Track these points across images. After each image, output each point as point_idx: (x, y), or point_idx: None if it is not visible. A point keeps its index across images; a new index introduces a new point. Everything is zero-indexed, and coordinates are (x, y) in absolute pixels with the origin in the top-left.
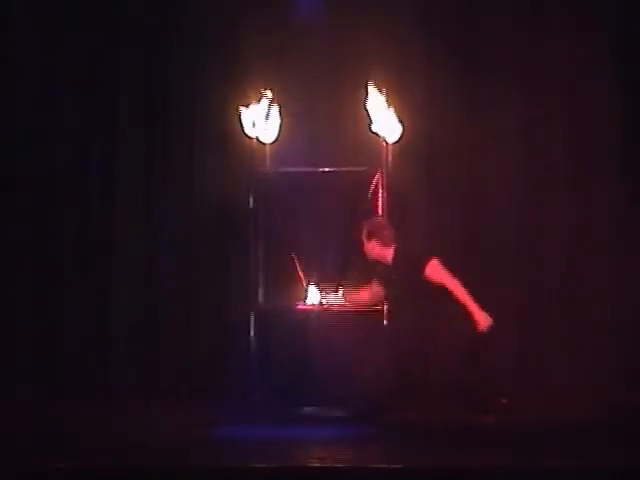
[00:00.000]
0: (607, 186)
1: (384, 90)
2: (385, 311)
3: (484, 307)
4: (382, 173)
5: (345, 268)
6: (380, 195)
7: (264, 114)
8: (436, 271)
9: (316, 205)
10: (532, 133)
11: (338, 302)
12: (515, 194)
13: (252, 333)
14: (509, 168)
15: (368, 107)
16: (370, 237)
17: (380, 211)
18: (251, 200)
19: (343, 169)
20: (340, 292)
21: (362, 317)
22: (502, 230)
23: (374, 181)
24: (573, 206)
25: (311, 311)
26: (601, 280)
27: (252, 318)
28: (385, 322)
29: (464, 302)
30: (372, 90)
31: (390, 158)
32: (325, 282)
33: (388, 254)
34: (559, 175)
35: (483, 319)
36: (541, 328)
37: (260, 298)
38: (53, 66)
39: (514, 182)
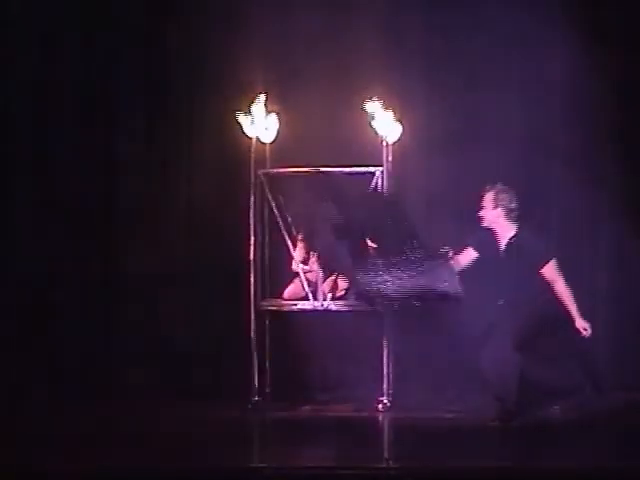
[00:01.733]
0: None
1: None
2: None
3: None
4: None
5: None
6: None
7: (263, 114)
8: (553, 271)
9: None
10: (533, 134)
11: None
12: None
13: (252, 333)
14: (509, 167)
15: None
16: (497, 204)
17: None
18: (252, 200)
19: (344, 169)
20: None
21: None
22: None
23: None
24: (574, 206)
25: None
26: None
27: (252, 318)
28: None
29: (569, 305)
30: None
31: (390, 157)
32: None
33: (509, 230)
34: (559, 173)
35: (583, 325)
36: None
37: (260, 298)
38: (53, 67)
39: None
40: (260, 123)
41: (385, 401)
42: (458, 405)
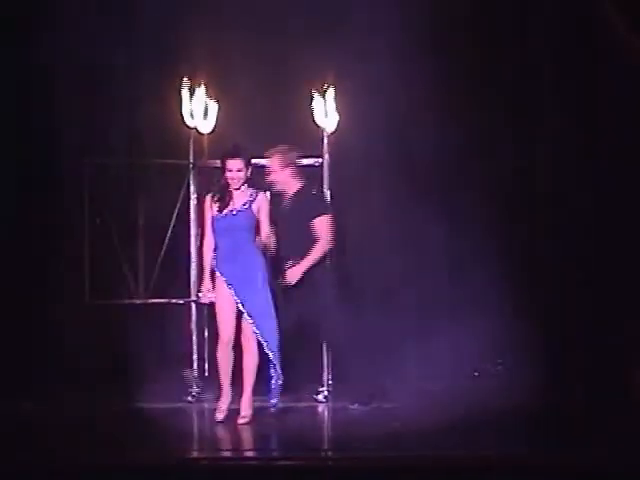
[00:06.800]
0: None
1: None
2: None
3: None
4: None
5: None
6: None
7: (202, 104)
8: (322, 226)
9: None
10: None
11: None
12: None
13: (192, 325)
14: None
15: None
16: (286, 164)
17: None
18: (191, 192)
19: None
20: None
21: None
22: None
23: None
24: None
25: None
26: None
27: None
28: None
29: (307, 258)
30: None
31: (329, 148)
32: None
33: (295, 188)
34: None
35: (291, 274)
36: None
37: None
38: None
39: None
40: (199, 113)
41: (324, 391)
42: (395, 395)
